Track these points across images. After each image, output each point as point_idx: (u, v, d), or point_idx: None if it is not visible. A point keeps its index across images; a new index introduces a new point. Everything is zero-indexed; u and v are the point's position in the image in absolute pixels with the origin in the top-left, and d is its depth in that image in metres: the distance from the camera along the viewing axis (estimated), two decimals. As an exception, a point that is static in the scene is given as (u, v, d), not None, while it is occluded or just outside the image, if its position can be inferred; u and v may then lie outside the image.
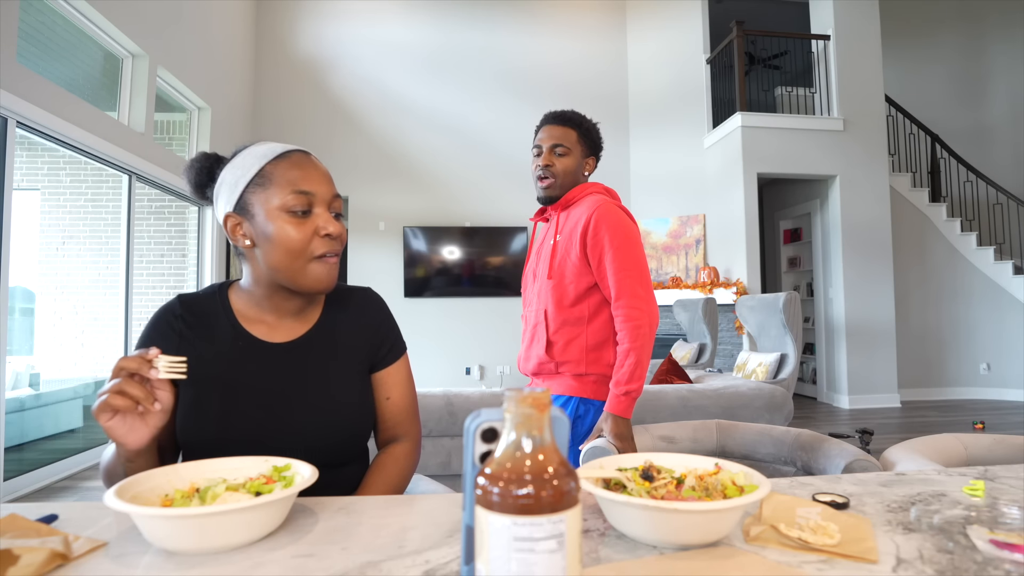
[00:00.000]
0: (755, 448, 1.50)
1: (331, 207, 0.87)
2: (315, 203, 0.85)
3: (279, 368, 0.87)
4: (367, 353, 0.94)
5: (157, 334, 0.87)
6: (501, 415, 0.46)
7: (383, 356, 0.96)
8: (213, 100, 5.14)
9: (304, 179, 0.85)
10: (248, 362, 0.87)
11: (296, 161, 0.86)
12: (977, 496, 0.70)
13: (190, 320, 0.88)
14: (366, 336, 0.95)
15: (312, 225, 0.84)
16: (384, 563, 0.53)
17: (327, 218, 0.85)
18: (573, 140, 1.55)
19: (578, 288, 1.48)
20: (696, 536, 0.55)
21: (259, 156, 0.86)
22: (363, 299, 0.98)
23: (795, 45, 6.40)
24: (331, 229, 0.85)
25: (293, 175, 0.84)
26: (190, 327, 0.88)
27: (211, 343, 0.87)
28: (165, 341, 0.86)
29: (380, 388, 0.96)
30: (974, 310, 6.03)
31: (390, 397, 0.96)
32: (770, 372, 3.56)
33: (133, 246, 4.13)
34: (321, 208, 0.85)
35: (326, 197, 0.86)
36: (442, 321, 6.11)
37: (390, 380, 0.96)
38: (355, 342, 0.94)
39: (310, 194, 0.84)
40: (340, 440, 0.88)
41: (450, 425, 2.56)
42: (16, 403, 3.92)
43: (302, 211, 0.84)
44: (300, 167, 0.86)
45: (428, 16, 6.43)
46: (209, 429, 0.82)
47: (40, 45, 3.51)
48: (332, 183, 0.88)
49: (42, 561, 0.50)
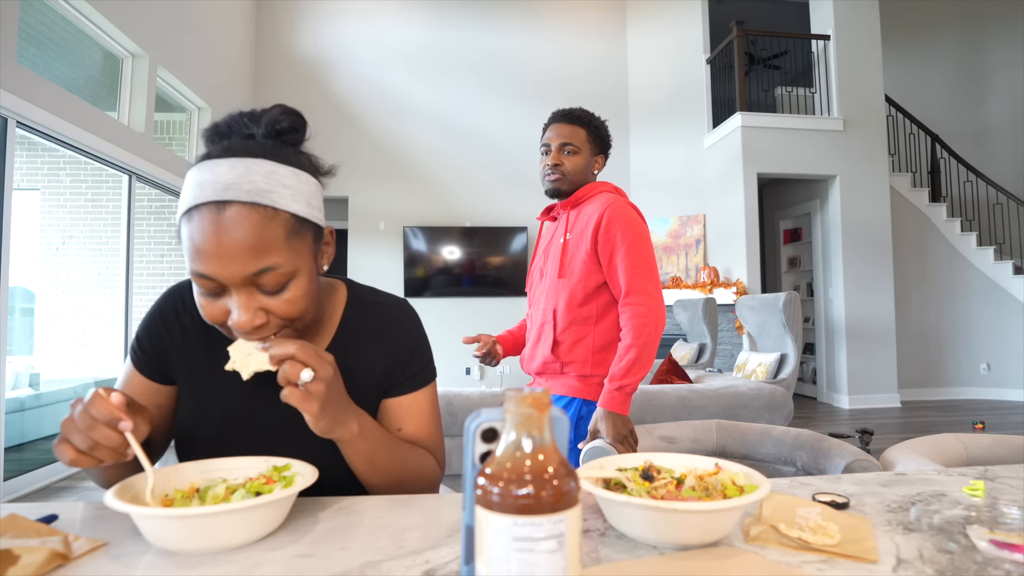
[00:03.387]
0: (755, 448, 1.50)
1: (256, 284, 0.65)
2: (225, 285, 0.64)
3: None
4: (385, 373, 0.81)
5: (162, 322, 0.79)
6: (501, 415, 0.46)
7: (399, 381, 0.81)
8: (213, 100, 5.14)
9: (201, 257, 0.63)
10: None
11: (198, 226, 0.62)
12: (977, 496, 0.70)
13: (197, 316, 0.79)
14: (387, 355, 0.81)
15: (223, 307, 0.66)
16: (384, 563, 0.53)
17: (240, 304, 0.65)
18: (582, 139, 1.54)
19: (587, 287, 1.47)
20: (696, 536, 0.55)
21: (184, 192, 0.66)
22: (392, 314, 0.84)
23: (795, 45, 6.40)
24: (238, 321, 0.64)
25: (192, 247, 0.63)
26: (195, 322, 0.79)
27: (213, 343, 0.78)
28: (169, 332, 0.79)
29: (391, 417, 0.82)
30: (974, 310, 6.03)
31: (401, 428, 0.81)
32: (770, 372, 3.56)
33: (133, 246, 4.13)
34: (236, 289, 0.64)
35: (235, 280, 0.63)
36: (442, 321, 6.11)
37: (403, 411, 0.81)
38: (371, 364, 0.80)
39: (210, 279, 0.64)
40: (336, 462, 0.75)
41: (450, 425, 2.56)
42: (16, 403, 3.92)
43: (211, 294, 0.66)
44: (201, 236, 0.62)
45: (428, 16, 6.43)
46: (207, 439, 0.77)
47: (40, 45, 3.51)
48: (251, 253, 0.63)
49: (42, 561, 0.50)
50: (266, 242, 0.64)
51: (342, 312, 0.82)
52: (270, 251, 0.64)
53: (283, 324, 0.68)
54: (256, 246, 0.63)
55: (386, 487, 0.77)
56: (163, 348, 0.79)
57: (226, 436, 0.77)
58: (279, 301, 0.67)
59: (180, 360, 0.79)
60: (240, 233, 0.62)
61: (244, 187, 0.63)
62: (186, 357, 0.79)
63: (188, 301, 0.80)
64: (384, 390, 0.81)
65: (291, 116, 0.71)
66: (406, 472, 0.77)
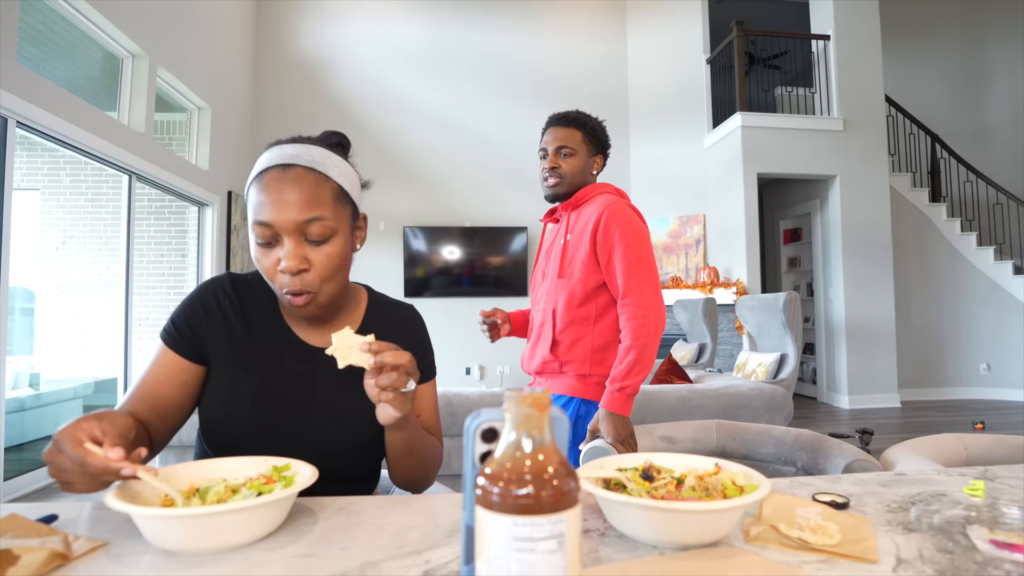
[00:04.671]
0: (755, 448, 1.50)
1: (305, 232, 0.78)
2: (279, 233, 0.78)
3: (313, 369, 0.86)
4: None
5: (201, 306, 0.86)
6: (501, 415, 0.46)
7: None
8: (213, 100, 5.14)
9: (265, 207, 0.77)
10: (285, 358, 0.87)
11: (265, 183, 0.78)
12: (977, 496, 0.70)
13: (236, 302, 0.88)
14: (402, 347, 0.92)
15: (275, 257, 0.79)
16: (384, 563, 0.53)
17: (289, 250, 0.77)
18: (578, 141, 1.55)
19: (586, 287, 1.47)
20: (696, 536, 0.55)
21: (257, 166, 0.82)
22: (406, 316, 0.97)
23: (795, 45, 6.40)
24: (287, 264, 0.77)
25: (259, 200, 0.78)
26: (235, 309, 0.87)
27: (252, 330, 0.87)
28: (208, 315, 0.86)
29: None
30: (974, 310, 6.03)
31: (420, 415, 0.94)
32: (770, 372, 3.56)
33: (133, 246, 4.13)
34: (288, 236, 0.78)
35: (289, 225, 0.77)
36: (442, 321, 6.11)
37: (419, 399, 0.94)
38: None
39: (270, 226, 0.77)
40: (358, 447, 0.87)
41: (450, 425, 2.56)
42: (16, 403, 3.92)
43: (265, 242, 0.78)
44: (267, 191, 0.78)
45: (428, 16, 6.43)
46: (240, 415, 0.83)
47: (40, 45, 3.51)
48: (306, 204, 0.77)
49: (42, 561, 0.50)
50: (318, 198, 0.79)
51: (365, 308, 0.95)
52: (320, 205, 0.79)
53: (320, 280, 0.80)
54: (310, 200, 0.78)
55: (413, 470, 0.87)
56: (200, 329, 0.86)
57: (262, 406, 0.83)
58: (320, 254, 0.79)
59: (218, 339, 0.86)
60: (298, 187, 0.78)
61: (304, 158, 0.80)
62: (224, 335, 0.86)
63: (228, 288, 0.89)
64: None
65: (339, 135, 0.92)
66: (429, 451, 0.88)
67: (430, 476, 0.91)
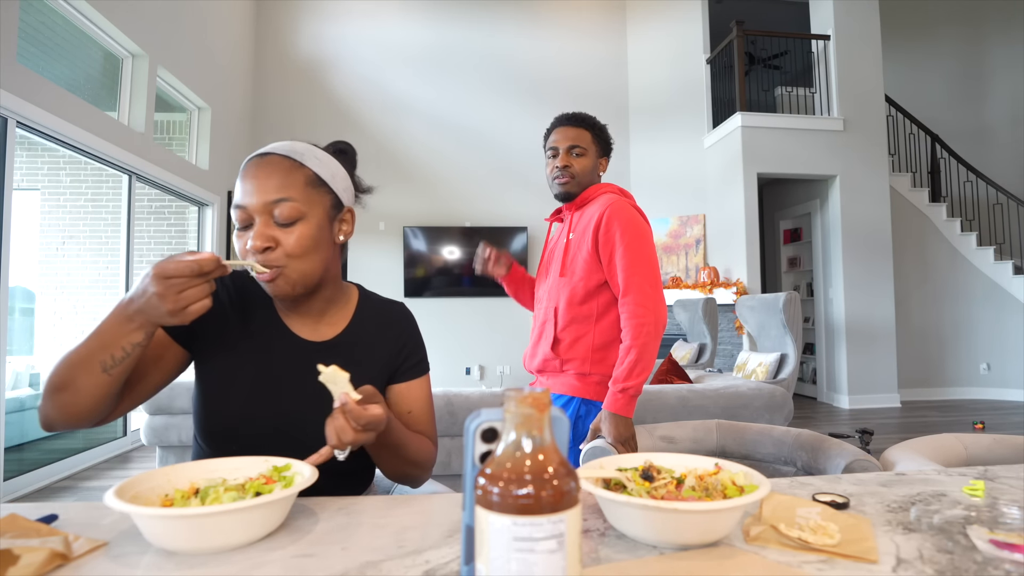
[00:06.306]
0: (755, 448, 1.50)
1: (272, 213, 0.80)
2: (252, 215, 0.80)
3: (305, 364, 0.87)
4: (388, 363, 0.94)
5: None
6: (501, 415, 0.46)
7: (405, 369, 0.96)
8: (213, 100, 5.14)
9: (240, 192, 0.82)
10: (278, 351, 0.88)
11: (244, 172, 0.83)
12: (977, 496, 0.70)
13: (235, 295, 0.90)
14: (390, 347, 0.95)
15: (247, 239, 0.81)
16: (384, 563, 0.53)
17: (256, 230, 0.80)
18: (588, 141, 1.56)
19: (588, 285, 1.48)
20: (696, 536, 0.55)
21: None
22: (395, 313, 0.99)
23: (795, 45, 6.40)
24: (252, 244, 0.79)
25: (238, 188, 0.82)
26: (233, 302, 0.89)
27: (247, 322, 0.89)
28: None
29: (401, 401, 0.95)
30: (974, 310, 6.03)
31: (412, 411, 0.95)
32: (770, 372, 3.56)
33: (133, 246, 4.13)
34: (258, 216, 0.80)
35: (258, 206, 0.80)
36: (442, 321, 6.11)
37: (412, 394, 0.96)
38: (379, 352, 0.94)
39: (243, 207, 0.80)
40: None
41: (450, 425, 2.56)
42: (16, 403, 3.92)
43: (242, 226, 0.81)
44: (244, 178, 0.82)
45: (428, 16, 6.43)
46: (234, 406, 0.84)
47: (40, 45, 3.51)
48: (275, 187, 0.80)
49: (42, 561, 0.50)
50: (288, 182, 0.81)
51: (356, 304, 0.97)
52: (288, 188, 0.81)
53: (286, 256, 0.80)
54: (279, 183, 0.81)
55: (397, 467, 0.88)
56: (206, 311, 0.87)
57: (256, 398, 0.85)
58: (289, 235, 0.81)
59: (213, 329, 0.87)
60: (270, 172, 0.81)
61: (284, 148, 0.84)
62: (221, 321, 0.88)
63: (228, 281, 0.91)
64: (390, 374, 0.95)
65: (344, 143, 0.98)
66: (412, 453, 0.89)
67: (421, 473, 0.91)
